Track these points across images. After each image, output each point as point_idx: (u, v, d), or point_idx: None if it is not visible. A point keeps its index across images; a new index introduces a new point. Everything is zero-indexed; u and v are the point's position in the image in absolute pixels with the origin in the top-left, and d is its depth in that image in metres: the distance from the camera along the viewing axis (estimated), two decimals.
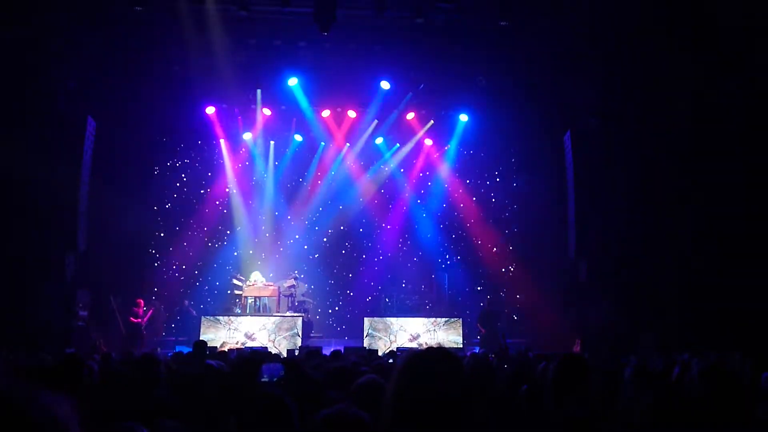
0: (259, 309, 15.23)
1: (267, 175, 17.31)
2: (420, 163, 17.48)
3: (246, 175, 17.32)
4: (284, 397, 2.24)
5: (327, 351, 8.94)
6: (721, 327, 10.52)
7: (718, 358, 6.46)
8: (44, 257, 12.22)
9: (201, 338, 11.46)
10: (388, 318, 14.77)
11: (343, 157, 17.25)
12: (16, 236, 11.63)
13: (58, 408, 1.09)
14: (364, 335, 14.24)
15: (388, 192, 17.68)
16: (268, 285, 15.37)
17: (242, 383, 3.77)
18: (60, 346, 10.40)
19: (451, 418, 1.70)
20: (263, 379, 3.39)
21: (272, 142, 17.18)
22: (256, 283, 15.33)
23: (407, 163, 17.57)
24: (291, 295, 15.61)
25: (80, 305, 13.10)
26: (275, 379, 3.60)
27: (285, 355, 10.47)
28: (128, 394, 2.88)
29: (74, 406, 1.10)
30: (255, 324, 14.25)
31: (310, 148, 17.35)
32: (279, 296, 15.37)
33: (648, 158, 12.75)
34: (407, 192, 17.55)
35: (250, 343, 13.52)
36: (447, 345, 13.18)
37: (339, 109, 16.32)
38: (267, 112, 16.06)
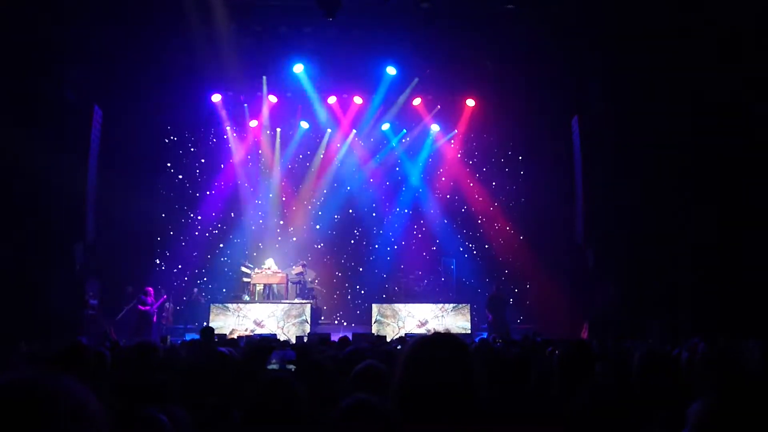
0: (268, 296, 15.31)
1: (274, 162, 17.31)
2: (427, 149, 17.42)
3: (252, 162, 17.33)
4: (293, 381, 2.25)
5: (336, 337, 8.97)
6: (732, 313, 10.47)
7: (727, 343, 6.43)
8: (53, 247, 12.30)
9: (210, 325, 11.54)
10: (396, 304, 14.82)
11: (349, 144, 17.22)
12: (24, 226, 11.70)
13: (88, 397, 1.09)
14: (373, 321, 14.31)
15: (395, 178, 17.65)
16: (277, 272, 15.43)
17: (253, 369, 3.79)
18: (71, 335, 10.49)
19: (457, 402, 1.70)
20: (272, 365, 3.41)
21: (278, 130, 17.16)
22: (265, 270, 15.39)
23: (414, 149, 17.52)
24: (299, 281, 15.67)
25: (90, 294, 13.21)
26: (286, 365, 3.62)
27: (294, 342, 10.52)
28: (133, 380, 2.91)
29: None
30: (264, 311, 14.33)
31: (316, 135, 17.33)
32: (287, 283, 15.43)
33: (656, 142, 12.64)
34: (414, 178, 17.51)
35: (259, 330, 13.61)
36: (455, 330, 13.21)
37: (345, 96, 16.26)
38: (273, 99, 16.03)
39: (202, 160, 17.14)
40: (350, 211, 17.42)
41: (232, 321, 14.05)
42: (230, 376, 3.77)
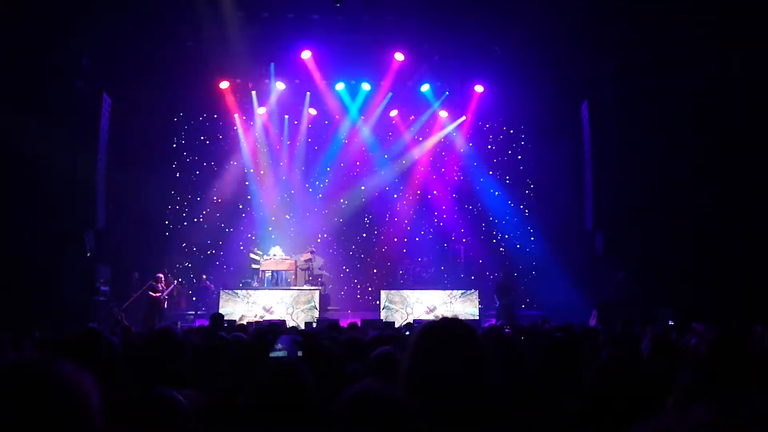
0: (277, 282, 15.37)
1: (281, 149, 17.31)
2: (435, 135, 17.35)
3: (260, 149, 17.33)
4: (299, 366, 2.26)
5: (344, 323, 9.00)
6: (742, 300, 10.43)
7: (735, 328, 6.40)
8: (64, 234, 12.40)
9: (220, 311, 11.63)
10: (404, 291, 14.84)
11: (357, 130, 17.17)
12: (35, 214, 11.80)
13: (79, 378, 1.12)
14: (381, 308, 14.35)
15: (403, 165, 17.59)
16: (285, 259, 15.47)
17: (260, 354, 3.82)
18: (82, 321, 10.61)
19: (465, 387, 1.71)
20: (277, 352, 3.42)
21: (286, 116, 17.14)
22: (274, 257, 15.44)
23: (422, 135, 17.45)
24: (308, 268, 15.72)
25: (101, 281, 13.32)
26: (297, 352, 3.64)
27: (303, 328, 10.58)
28: (148, 366, 2.94)
29: (93, 379, 1.15)
30: (273, 297, 14.40)
31: (324, 121, 17.28)
32: (296, 270, 15.48)
33: (666, 128, 12.54)
34: (422, 165, 17.47)
35: (268, 316, 13.68)
36: (463, 317, 13.21)
37: (353, 82, 16.20)
38: (281, 86, 15.99)
39: (210, 147, 17.16)
40: (362, 196, 17.37)
41: (242, 307, 14.13)
42: (238, 360, 3.80)
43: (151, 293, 13.69)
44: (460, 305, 14.39)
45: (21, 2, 10.76)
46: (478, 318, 13.88)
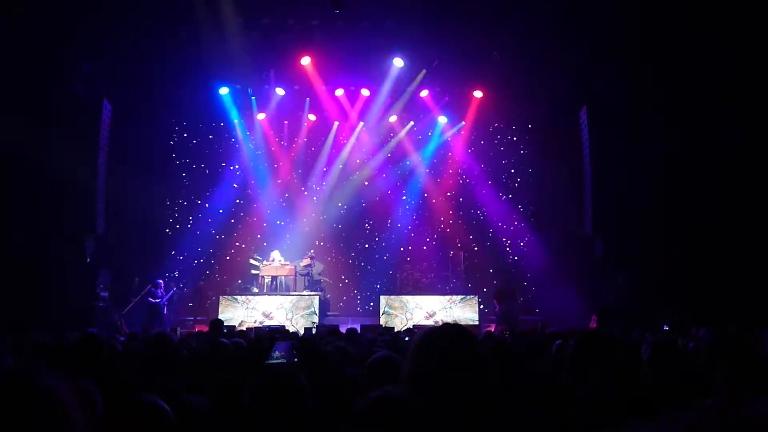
0: (276, 288, 15.36)
1: (281, 155, 17.32)
2: (434, 140, 17.36)
3: (260, 155, 17.34)
4: (295, 372, 2.26)
5: (344, 329, 9.00)
6: (742, 304, 10.42)
7: (738, 332, 6.40)
8: (64, 239, 12.42)
9: (219, 317, 11.62)
10: (404, 296, 14.84)
11: (357, 136, 17.19)
12: (36, 219, 11.82)
13: (60, 390, 1.12)
14: (381, 313, 14.34)
15: (402, 170, 17.61)
16: (285, 264, 15.46)
17: (258, 360, 3.82)
18: (82, 326, 10.60)
19: (466, 392, 1.71)
20: (275, 359, 3.42)
21: (286, 122, 17.16)
22: (274, 262, 15.43)
23: (421, 141, 17.48)
24: (307, 274, 15.71)
25: (101, 286, 13.31)
26: (293, 358, 3.64)
27: (302, 333, 10.57)
28: (147, 371, 2.94)
29: (89, 384, 1.15)
30: (272, 303, 14.39)
31: (323, 127, 17.30)
32: (296, 275, 15.47)
33: (666, 132, 12.57)
34: (422, 170, 17.48)
35: (267, 322, 13.67)
36: (463, 322, 13.21)
37: (352, 88, 16.22)
38: (280, 91, 16.02)
39: (210, 153, 17.17)
40: (362, 202, 17.36)
41: (242, 313, 14.12)
42: (236, 366, 3.80)
43: (150, 299, 13.68)
44: (460, 310, 14.38)
45: (22, 8, 10.79)
46: (477, 323, 13.88)
